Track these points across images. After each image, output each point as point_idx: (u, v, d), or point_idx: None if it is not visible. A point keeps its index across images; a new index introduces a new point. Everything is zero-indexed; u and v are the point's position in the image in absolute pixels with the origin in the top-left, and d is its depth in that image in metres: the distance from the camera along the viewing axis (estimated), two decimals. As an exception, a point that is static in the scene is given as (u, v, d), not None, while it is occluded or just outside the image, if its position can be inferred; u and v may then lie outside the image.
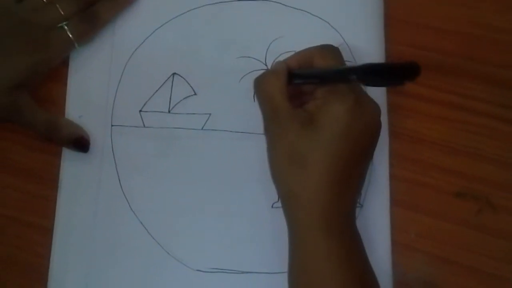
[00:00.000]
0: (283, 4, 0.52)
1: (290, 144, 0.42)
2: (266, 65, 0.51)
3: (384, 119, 0.50)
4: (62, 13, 0.50)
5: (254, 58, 0.51)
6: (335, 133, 0.41)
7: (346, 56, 0.46)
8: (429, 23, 0.52)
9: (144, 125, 0.51)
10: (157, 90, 0.51)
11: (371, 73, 0.39)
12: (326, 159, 0.41)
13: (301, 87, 0.46)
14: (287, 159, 0.42)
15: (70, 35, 0.50)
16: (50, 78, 0.51)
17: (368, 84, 0.43)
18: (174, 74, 0.51)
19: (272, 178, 0.44)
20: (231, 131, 0.50)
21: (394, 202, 0.49)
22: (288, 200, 0.43)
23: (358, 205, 0.48)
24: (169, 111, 0.51)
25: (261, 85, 0.45)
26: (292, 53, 0.47)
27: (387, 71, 0.40)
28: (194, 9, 0.53)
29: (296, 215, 0.43)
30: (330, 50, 0.45)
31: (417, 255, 0.48)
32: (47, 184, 0.50)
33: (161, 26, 0.52)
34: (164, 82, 0.51)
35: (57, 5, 0.50)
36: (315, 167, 0.41)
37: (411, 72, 0.39)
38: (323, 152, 0.41)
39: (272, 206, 0.49)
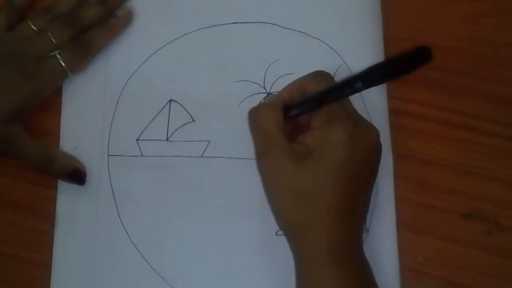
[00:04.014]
0: (281, 26, 0.51)
1: (290, 181, 0.41)
2: (264, 88, 0.50)
3: (387, 140, 0.49)
4: (54, 41, 0.49)
5: (252, 82, 0.50)
6: (336, 162, 0.40)
7: (346, 77, 0.45)
8: (430, 41, 0.49)
9: (141, 154, 0.49)
10: (154, 118, 0.50)
11: (377, 74, 0.37)
12: (330, 190, 0.40)
13: (297, 120, 0.44)
14: (289, 196, 0.41)
15: (63, 64, 0.48)
16: (43, 108, 0.50)
17: (376, 85, 0.39)
18: (171, 100, 0.50)
19: (273, 214, 0.43)
20: (231, 158, 0.49)
21: (401, 225, 0.48)
22: (294, 234, 0.42)
23: (364, 230, 0.47)
24: (167, 139, 0.49)
25: (256, 118, 0.43)
26: (291, 75, 0.46)
27: (394, 65, 0.37)
28: (189, 33, 0.51)
29: (303, 249, 0.41)
30: (322, 75, 0.44)
31: (427, 280, 0.47)
32: (44, 218, 0.49)
33: (156, 51, 0.51)
34: (161, 109, 0.50)
35: (49, 34, 0.49)
36: (319, 200, 0.40)
37: (421, 57, 0.36)
38: (326, 184, 0.40)
39: (276, 234, 0.48)
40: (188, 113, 0.50)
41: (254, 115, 0.44)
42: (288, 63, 0.50)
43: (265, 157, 0.42)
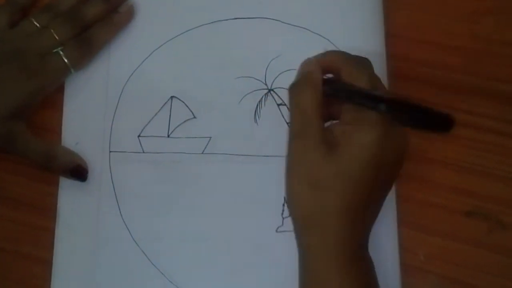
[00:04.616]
0: (282, 22, 0.51)
1: (313, 168, 0.40)
2: (266, 84, 0.50)
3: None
4: (57, 38, 0.49)
5: (253, 78, 0.50)
6: (360, 163, 0.39)
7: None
8: (431, 39, 0.51)
9: (143, 150, 0.49)
10: (155, 114, 0.50)
11: (401, 109, 0.37)
12: (349, 187, 0.39)
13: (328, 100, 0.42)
14: (307, 182, 0.40)
15: (66, 60, 0.49)
16: (46, 105, 0.50)
17: (395, 120, 0.39)
18: (172, 97, 0.50)
19: (287, 198, 0.42)
20: (232, 154, 0.49)
21: (402, 223, 0.48)
22: (302, 224, 0.41)
23: (365, 227, 0.47)
24: (168, 136, 0.50)
25: (298, 96, 0.42)
26: (293, 71, 0.45)
27: (419, 112, 0.36)
28: (191, 29, 0.52)
29: (310, 240, 0.41)
30: (366, 65, 0.42)
31: (428, 277, 0.47)
32: (45, 214, 0.49)
33: (158, 48, 0.51)
34: (163, 106, 0.50)
35: (52, 30, 0.49)
36: (336, 194, 0.39)
37: (443, 123, 0.36)
38: (347, 180, 0.39)
39: (276, 231, 0.48)
40: (190, 109, 0.50)
41: (296, 93, 0.42)
42: (290, 59, 0.49)
43: (298, 138, 0.41)
